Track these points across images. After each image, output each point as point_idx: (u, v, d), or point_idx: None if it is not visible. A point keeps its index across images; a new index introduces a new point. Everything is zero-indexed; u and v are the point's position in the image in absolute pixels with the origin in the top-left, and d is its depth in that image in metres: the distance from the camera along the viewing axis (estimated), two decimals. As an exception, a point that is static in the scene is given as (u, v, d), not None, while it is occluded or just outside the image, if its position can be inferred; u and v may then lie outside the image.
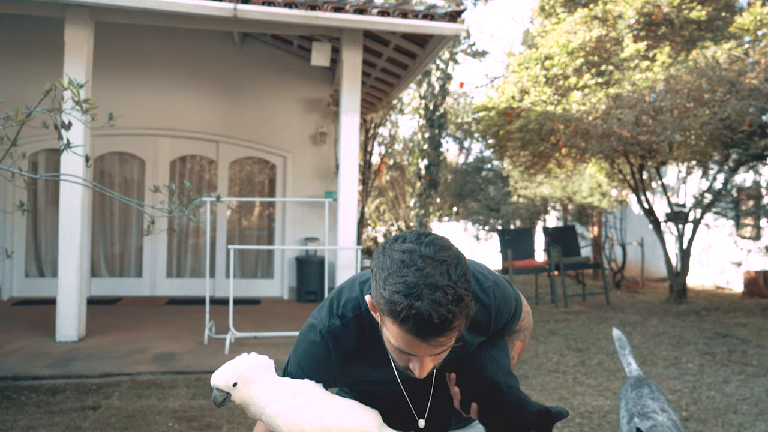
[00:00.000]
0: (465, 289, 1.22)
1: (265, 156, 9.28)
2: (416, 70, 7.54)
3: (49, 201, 8.65)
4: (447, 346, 1.27)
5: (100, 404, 4.29)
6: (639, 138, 6.26)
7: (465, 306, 1.21)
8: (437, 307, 1.17)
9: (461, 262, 1.25)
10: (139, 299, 8.58)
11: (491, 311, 1.47)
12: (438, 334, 1.20)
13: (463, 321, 1.23)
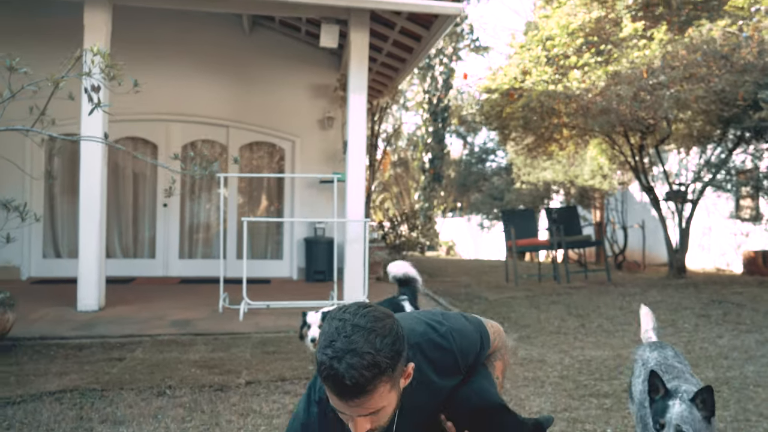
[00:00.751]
0: (386, 357, 1.35)
1: (274, 140, 9.53)
2: (421, 53, 7.78)
3: (65, 188, 8.91)
4: (371, 408, 1.38)
5: (125, 357, 4.54)
6: (638, 114, 6.48)
7: (381, 372, 1.34)
8: (351, 370, 1.31)
9: (392, 333, 1.39)
10: (153, 279, 8.83)
11: (454, 353, 1.64)
12: (354, 396, 1.34)
13: (382, 386, 1.35)
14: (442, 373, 1.63)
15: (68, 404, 3.42)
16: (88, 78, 4.01)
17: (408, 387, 1.55)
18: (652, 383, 1.86)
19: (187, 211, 9.35)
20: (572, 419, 3.20)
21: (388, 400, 1.42)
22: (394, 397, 1.45)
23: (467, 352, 1.68)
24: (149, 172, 9.22)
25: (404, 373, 1.48)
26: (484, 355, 1.77)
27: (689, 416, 1.75)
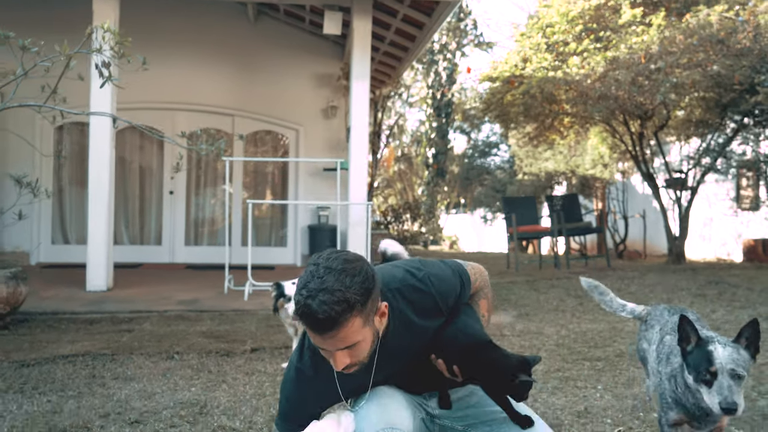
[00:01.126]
0: (356, 294, 1.47)
1: (278, 129, 9.66)
2: (423, 41, 7.89)
3: (74, 176, 9.07)
4: (346, 341, 1.50)
5: (133, 329, 4.68)
6: (636, 99, 6.57)
7: (350, 307, 1.46)
8: (323, 306, 1.44)
9: (362, 272, 1.51)
10: (159, 265, 8.98)
11: (433, 295, 1.75)
12: (328, 330, 1.46)
13: (353, 320, 1.47)
14: (423, 315, 1.74)
15: (81, 365, 3.56)
16: (98, 54, 4.13)
17: (391, 328, 1.68)
18: (683, 331, 1.74)
19: (192, 199, 9.50)
20: (565, 378, 3.32)
21: (363, 335, 1.53)
22: (369, 333, 1.56)
23: (446, 294, 1.78)
24: (155, 162, 9.36)
25: (378, 311, 1.59)
26: (465, 295, 1.86)
27: (739, 357, 1.64)
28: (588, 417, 2.74)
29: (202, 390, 3.13)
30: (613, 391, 3.08)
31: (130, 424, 2.61)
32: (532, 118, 8.27)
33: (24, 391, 3.06)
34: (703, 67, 6.29)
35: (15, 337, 4.30)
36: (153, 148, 9.38)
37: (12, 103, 4.37)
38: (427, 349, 1.79)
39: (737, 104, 6.56)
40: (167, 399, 2.95)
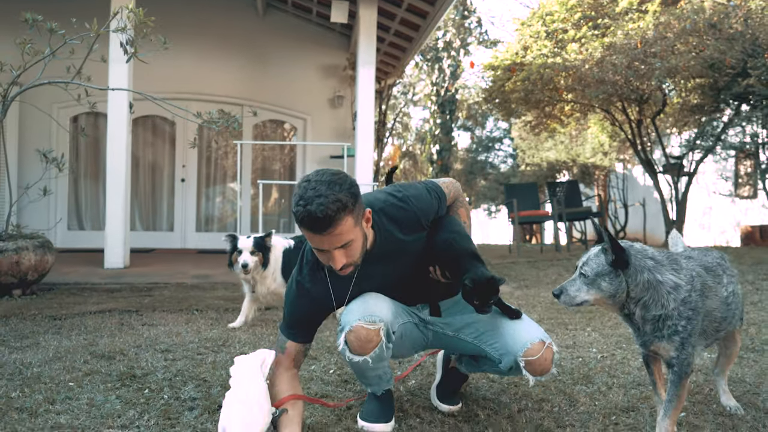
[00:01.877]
0: (346, 196, 1.70)
1: (286, 119, 9.95)
2: (427, 30, 8.16)
3: (89, 167, 9.38)
4: (343, 239, 1.74)
5: (153, 294, 4.96)
6: (632, 83, 6.81)
7: (343, 207, 1.69)
8: (320, 207, 1.67)
9: (347, 181, 1.75)
10: (171, 250, 9.27)
11: (415, 212, 1.97)
12: (327, 227, 1.69)
13: (346, 218, 1.71)
14: (407, 229, 1.98)
15: (109, 318, 3.84)
16: (122, 33, 4.43)
17: (378, 241, 1.92)
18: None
19: (203, 187, 9.79)
20: (557, 323, 3.58)
21: (354, 234, 1.78)
22: (359, 235, 1.81)
23: (426, 211, 2.03)
24: (167, 151, 9.66)
25: (364, 216, 1.83)
26: (443, 209, 2.10)
27: (594, 260, 1.76)
28: (576, 348, 2.99)
29: (222, 331, 3.41)
30: (600, 332, 3.33)
31: (161, 351, 2.88)
32: (532, 105, 8.51)
33: (61, 333, 3.34)
34: (696, 52, 6.53)
35: (44, 300, 4.58)
36: (165, 137, 9.69)
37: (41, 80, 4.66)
38: (420, 259, 2.02)
39: (730, 87, 6.79)
40: (192, 336, 3.23)
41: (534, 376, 1.90)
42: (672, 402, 1.77)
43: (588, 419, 2.06)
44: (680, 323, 1.74)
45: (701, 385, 2.43)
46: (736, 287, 1.97)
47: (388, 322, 1.92)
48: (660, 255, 1.81)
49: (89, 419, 2.00)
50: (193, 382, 2.40)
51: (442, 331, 2.11)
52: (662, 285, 1.74)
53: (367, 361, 1.89)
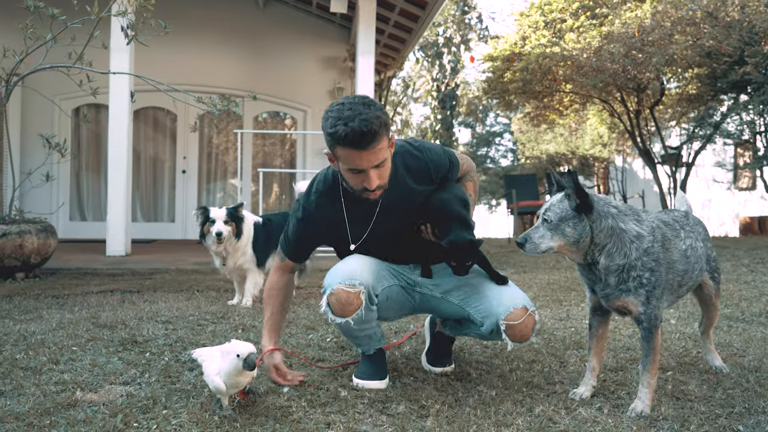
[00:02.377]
0: (383, 114, 1.81)
1: (286, 110, 10.01)
2: (426, 21, 8.19)
3: (91, 159, 9.44)
4: (380, 157, 1.82)
5: (154, 278, 5.02)
6: (630, 71, 6.85)
7: (383, 123, 1.79)
8: (363, 122, 1.75)
9: (378, 104, 1.85)
10: (173, 241, 9.32)
11: (427, 162, 2.04)
12: (370, 142, 1.77)
13: (384, 136, 1.80)
14: (417, 179, 2.05)
15: (111, 296, 3.90)
16: (123, 18, 4.48)
17: (390, 185, 1.95)
18: (549, 179, 1.88)
19: (204, 177, 9.85)
20: (552, 300, 3.63)
21: (388, 154, 1.87)
22: (389, 156, 1.89)
23: (438, 165, 2.08)
24: (168, 142, 9.72)
25: (391, 141, 1.90)
26: (454, 173, 2.16)
27: (557, 205, 1.74)
28: (569, 320, 3.05)
29: (222, 306, 3.47)
30: (594, 306, 3.38)
31: (162, 322, 2.94)
32: (531, 95, 8.56)
33: (64, 308, 3.40)
34: (694, 40, 6.57)
35: (47, 282, 4.64)
36: (166, 129, 9.74)
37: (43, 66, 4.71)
38: (417, 214, 2.08)
39: (727, 76, 6.83)
40: (192, 310, 3.29)
41: (513, 342, 1.93)
42: (648, 357, 1.79)
43: (577, 377, 2.11)
44: (644, 275, 1.73)
45: (689, 350, 2.48)
46: (696, 242, 1.97)
47: (369, 285, 1.98)
48: (623, 206, 1.84)
49: (92, 377, 2.06)
50: (192, 348, 2.46)
51: (430, 293, 2.15)
52: (625, 233, 1.73)
53: (349, 322, 1.96)
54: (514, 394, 1.94)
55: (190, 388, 1.96)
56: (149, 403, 1.80)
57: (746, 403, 1.83)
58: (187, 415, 1.71)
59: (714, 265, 2.15)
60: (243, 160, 9.57)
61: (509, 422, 1.68)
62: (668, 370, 2.18)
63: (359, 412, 1.78)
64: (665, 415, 1.74)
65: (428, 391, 1.97)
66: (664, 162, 8.95)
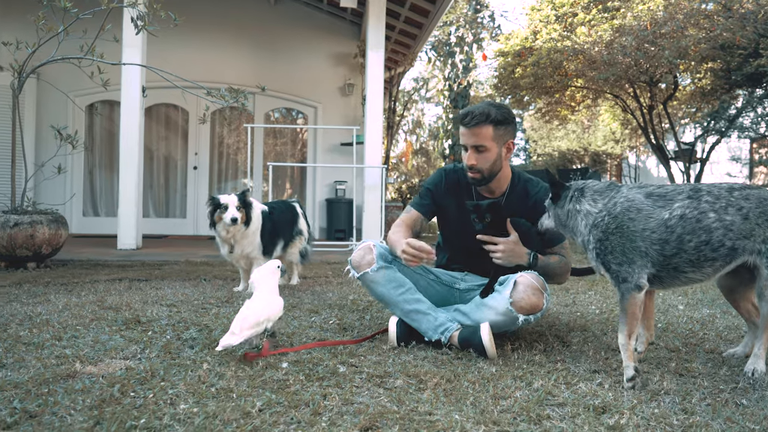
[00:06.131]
0: (497, 115, 2.26)
1: (297, 107, 10.03)
2: (436, 16, 8.18)
3: (104, 155, 9.53)
4: (478, 141, 2.25)
5: (164, 268, 5.05)
6: (642, 65, 6.77)
7: (489, 117, 2.25)
8: (475, 109, 2.26)
9: (507, 110, 2.32)
10: (184, 237, 9.39)
11: (532, 196, 2.37)
12: (470, 123, 2.26)
13: (487, 127, 2.26)
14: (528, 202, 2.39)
15: (118, 284, 3.93)
16: (133, 8, 4.52)
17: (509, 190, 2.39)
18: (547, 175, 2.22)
19: (215, 173, 9.91)
20: (560, 288, 3.59)
21: (490, 145, 2.28)
22: (495, 150, 2.29)
23: (538, 207, 2.32)
24: (180, 138, 9.79)
25: (506, 143, 2.32)
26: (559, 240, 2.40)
27: None
28: (575, 306, 3.01)
29: (227, 292, 3.48)
30: (601, 294, 3.35)
31: (167, 306, 2.95)
32: (542, 91, 8.49)
33: (71, 293, 3.43)
34: (707, 32, 6.48)
35: (57, 272, 4.69)
36: (178, 126, 9.82)
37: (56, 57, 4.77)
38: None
39: (741, 68, 6.73)
40: (198, 295, 3.30)
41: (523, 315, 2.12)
42: (621, 317, 1.89)
43: (579, 356, 2.08)
44: (596, 246, 1.94)
45: (696, 332, 2.44)
46: (694, 213, 1.88)
47: (381, 251, 2.36)
48: (590, 188, 2.04)
49: (93, 352, 2.07)
50: (195, 327, 2.47)
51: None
52: (578, 213, 2.00)
53: (367, 274, 2.30)
54: (514, 370, 1.91)
55: (189, 363, 1.96)
56: (147, 376, 1.81)
57: (750, 380, 1.79)
58: (184, 386, 1.71)
59: None
60: (254, 157, 9.63)
61: (507, 395, 1.67)
62: (673, 350, 2.14)
63: (356, 385, 1.77)
64: (667, 390, 1.71)
65: (427, 367, 1.95)
66: (678, 158, 8.84)
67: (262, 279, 2.27)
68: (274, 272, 2.31)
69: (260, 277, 2.28)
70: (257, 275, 2.30)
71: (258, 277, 2.29)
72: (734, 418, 1.48)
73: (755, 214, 1.87)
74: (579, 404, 1.59)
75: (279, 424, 1.45)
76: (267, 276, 2.28)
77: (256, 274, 2.31)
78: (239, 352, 2.08)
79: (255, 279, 2.29)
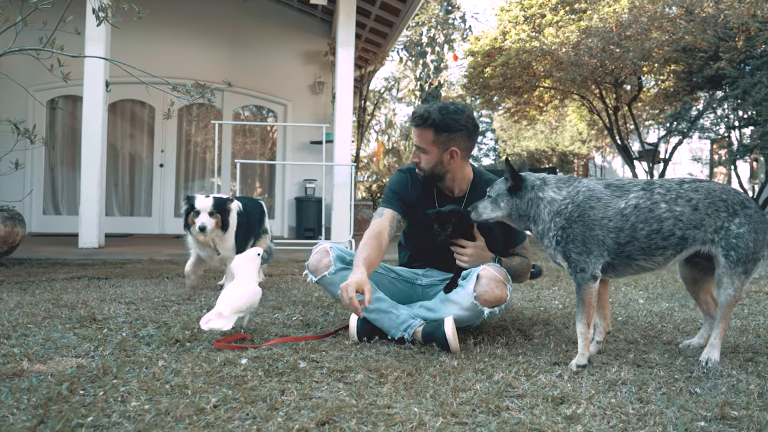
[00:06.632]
0: (440, 120, 2.22)
1: (267, 104, 9.93)
2: (407, 15, 8.18)
3: (66, 152, 9.28)
4: (421, 141, 2.25)
5: (126, 267, 4.92)
6: (608, 66, 6.89)
7: (430, 121, 2.21)
8: (420, 109, 2.25)
9: (460, 113, 2.26)
10: (149, 235, 9.19)
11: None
12: (414, 123, 2.24)
13: (427, 130, 2.24)
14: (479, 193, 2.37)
15: (76, 282, 3.81)
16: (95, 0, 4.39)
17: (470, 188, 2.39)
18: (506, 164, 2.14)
19: (183, 171, 9.73)
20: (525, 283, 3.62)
21: (429, 148, 2.26)
22: (435, 153, 2.27)
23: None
24: (146, 136, 9.59)
25: (449, 150, 2.27)
26: (519, 239, 2.42)
27: (498, 184, 2.10)
28: (539, 301, 3.04)
29: (191, 289, 3.40)
30: (565, 289, 3.38)
31: (125, 303, 2.88)
32: (511, 91, 8.58)
33: (26, 291, 3.31)
34: (670, 35, 6.62)
35: (12, 270, 4.53)
36: (144, 123, 9.61)
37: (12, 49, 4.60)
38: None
39: (702, 71, 6.91)
40: (159, 293, 3.22)
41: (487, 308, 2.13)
42: (579, 306, 1.94)
43: (540, 349, 2.09)
44: (558, 233, 1.96)
45: (654, 324, 2.48)
46: (647, 203, 1.94)
47: (339, 253, 2.35)
48: (552, 178, 2.07)
49: (43, 350, 2.00)
50: (153, 325, 2.41)
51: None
52: (542, 201, 2.01)
53: (326, 277, 2.28)
54: (475, 363, 1.91)
55: (144, 360, 1.91)
56: (99, 373, 1.75)
57: (704, 369, 1.82)
58: (137, 384, 1.66)
59: (734, 242, 1.92)
60: (222, 155, 9.49)
61: (467, 388, 1.66)
62: (632, 342, 2.17)
63: (316, 380, 1.74)
64: (624, 380, 1.72)
65: (389, 362, 1.93)
66: (642, 158, 9.03)
67: (243, 265, 2.36)
68: (254, 259, 2.38)
69: (241, 264, 2.37)
70: (238, 261, 2.38)
71: (239, 263, 2.37)
72: (687, 405, 1.50)
73: (704, 205, 1.94)
74: (538, 395, 1.59)
75: (234, 420, 1.41)
76: (248, 262, 2.36)
77: (237, 261, 2.39)
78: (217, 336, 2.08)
79: (236, 265, 2.37)
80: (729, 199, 1.96)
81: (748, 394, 1.59)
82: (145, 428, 1.35)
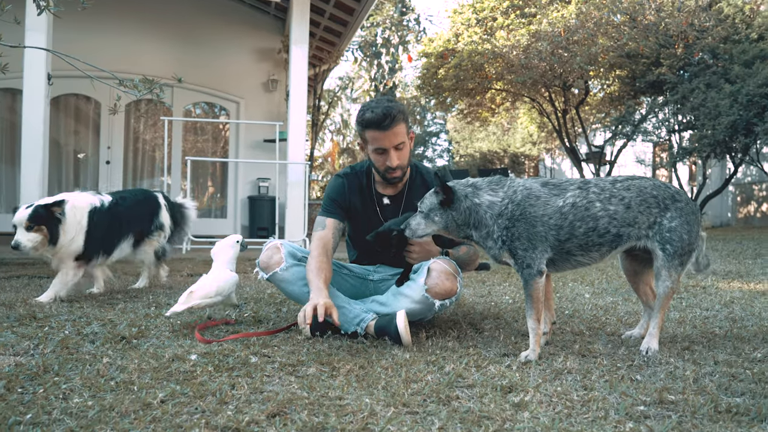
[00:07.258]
0: (403, 108, 2.25)
1: (219, 101, 9.74)
2: (361, 13, 8.19)
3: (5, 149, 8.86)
4: (399, 138, 2.22)
5: (69, 266, 4.74)
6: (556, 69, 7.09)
7: (401, 112, 2.22)
8: (386, 109, 2.19)
9: (401, 104, 2.28)
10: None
11: (430, 186, 2.34)
12: (391, 123, 2.19)
13: (402, 123, 2.23)
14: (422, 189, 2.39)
15: (15, 281, 3.65)
16: (35, -13, 4.21)
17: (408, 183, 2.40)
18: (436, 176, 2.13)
19: (130, 169, 9.45)
20: (476, 280, 3.69)
21: (406, 140, 2.26)
22: (408, 144, 2.29)
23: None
24: (91, 130, 9.26)
25: (410, 134, 2.32)
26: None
27: (428, 198, 2.06)
28: (490, 296, 3.10)
29: (148, 282, 3.31)
30: (516, 285, 3.47)
31: (68, 302, 2.77)
32: (464, 92, 8.71)
33: (-41, 291, 3.15)
34: (614, 41, 6.87)
35: (-55, 269, 4.30)
36: (89, 117, 9.28)
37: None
38: None
39: (645, 76, 7.20)
40: (104, 290, 3.11)
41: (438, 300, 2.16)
42: (528, 302, 1.99)
43: (491, 341, 2.14)
44: (502, 233, 1.98)
45: (599, 317, 2.57)
46: (583, 201, 2.00)
47: (290, 249, 2.35)
48: (482, 182, 2.10)
49: (-22, 349, 1.91)
50: (98, 322, 2.33)
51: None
52: (480, 207, 2.02)
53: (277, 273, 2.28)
54: (427, 356, 1.94)
55: (88, 358, 1.85)
56: (39, 371, 1.68)
57: (644, 357, 1.90)
58: (80, 381, 1.61)
59: (668, 236, 1.99)
60: (172, 153, 9.26)
61: (419, 378, 1.68)
62: (578, 334, 2.25)
63: (267, 374, 1.73)
64: (570, 369, 1.78)
65: (341, 355, 1.94)
66: (589, 160, 9.33)
67: (219, 252, 2.39)
68: (232, 246, 2.40)
69: (218, 251, 2.40)
70: (216, 248, 2.42)
71: (217, 250, 2.41)
72: (628, 392, 1.56)
73: (636, 203, 2.01)
74: (487, 385, 1.63)
75: (182, 414, 1.38)
76: (225, 249, 2.39)
77: (216, 247, 2.43)
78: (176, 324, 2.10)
79: (214, 252, 2.41)
80: (659, 194, 2.03)
81: (684, 380, 1.67)
82: (87, 424, 1.30)
